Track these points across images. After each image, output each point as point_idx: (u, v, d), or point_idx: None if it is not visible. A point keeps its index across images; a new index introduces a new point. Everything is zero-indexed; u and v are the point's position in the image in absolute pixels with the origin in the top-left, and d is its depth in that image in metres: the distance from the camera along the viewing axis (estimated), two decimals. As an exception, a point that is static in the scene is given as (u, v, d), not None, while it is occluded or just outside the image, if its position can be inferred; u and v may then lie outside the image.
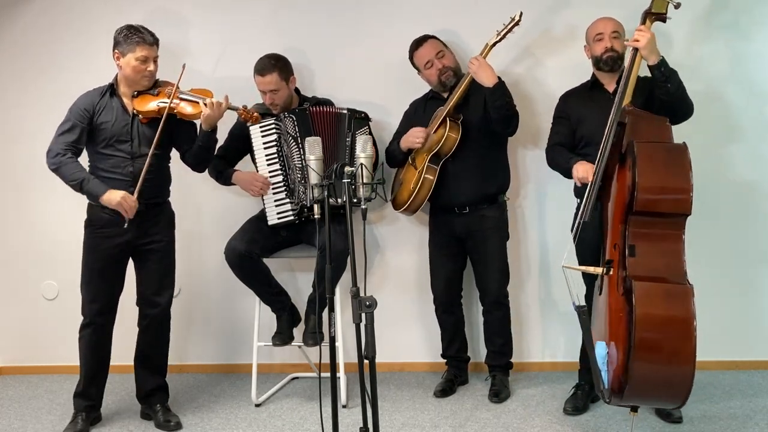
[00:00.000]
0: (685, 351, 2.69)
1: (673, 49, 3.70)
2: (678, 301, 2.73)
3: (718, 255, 3.87)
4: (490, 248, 3.67)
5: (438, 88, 3.70)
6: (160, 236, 3.43)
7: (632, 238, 2.84)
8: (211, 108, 3.33)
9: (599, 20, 3.40)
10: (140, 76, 3.31)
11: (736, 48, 3.83)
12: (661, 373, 2.72)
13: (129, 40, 3.26)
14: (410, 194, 3.65)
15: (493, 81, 3.47)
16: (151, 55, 3.31)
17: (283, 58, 3.71)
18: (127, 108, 3.35)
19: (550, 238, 4.01)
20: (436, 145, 3.54)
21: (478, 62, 3.49)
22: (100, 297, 3.36)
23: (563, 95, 3.54)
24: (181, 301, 4.18)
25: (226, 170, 3.77)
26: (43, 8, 4.16)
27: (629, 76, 3.09)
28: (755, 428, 3.21)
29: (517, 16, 3.48)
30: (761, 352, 3.93)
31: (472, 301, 3.94)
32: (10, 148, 4.22)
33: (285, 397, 3.82)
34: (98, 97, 3.35)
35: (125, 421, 3.56)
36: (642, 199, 2.79)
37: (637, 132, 2.97)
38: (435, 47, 3.65)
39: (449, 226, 3.72)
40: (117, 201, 3.21)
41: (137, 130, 3.34)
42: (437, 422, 3.42)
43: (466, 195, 3.63)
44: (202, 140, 3.43)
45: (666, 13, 3.15)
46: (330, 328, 2.69)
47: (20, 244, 4.28)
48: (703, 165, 3.75)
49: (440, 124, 3.56)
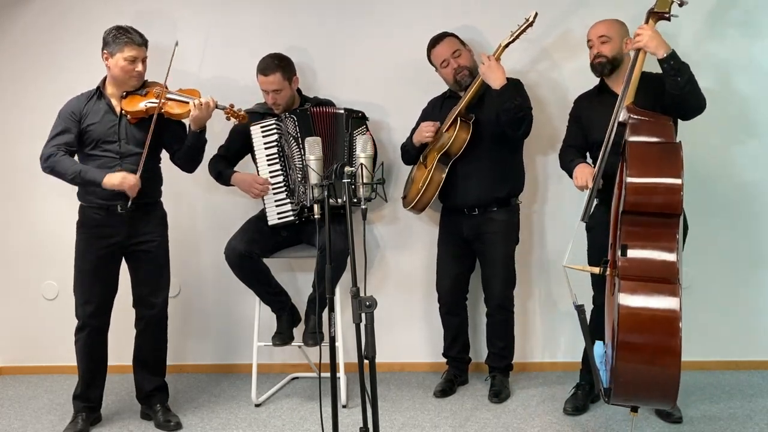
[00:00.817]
0: (669, 350, 2.63)
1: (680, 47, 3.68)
2: (662, 300, 2.68)
3: (718, 255, 3.87)
4: (496, 252, 3.65)
5: (454, 87, 3.67)
6: (153, 236, 3.42)
7: (624, 238, 2.80)
8: (200, 108, 3.33)
9: (591, 27, 3.37)
10: (128, 77, 3.32)
11: (746, 45, 3.81)
12: (645, 373, 2.68)
13: (117, 41, 3.26)
14: (417, 192, 3.64)
15: (500, 83, 3.42)
16: (140, 55, 3.31)
17: (286, 58, 3.70)
18: (114, 108, 3.35)
19: (551, 240, 4.01)
20: (446, 144, 3.53)
21: (488, 63, 3.44)
22: (93, 299, 3.36)
23: (577, 98, 3.52)
24: (181, 301, 4.19)
25: (225, 171, 3.77)
26: (43, 8, 4.16)
27: (630, 77, 3.08)
28: (755, 428, 3.21)
29: (531, 17, 3.40)
30: (761, 352, 3.93)
31: (477, 302, 3.94)
32: (10, 148, 4.22)
33: (285, 397, 3.82)
34: (85, 101, 3.35)
35: (125, 421, 3.56)
36: (630, 198, 2.76)
37: (637, 131, 2.94)
38: (451, 46, 3.62)
39: (458, 227, 3.71)
40: (118, 181, 3.21)
41: (124, 130, 3.34)
42: (437, 422, 3.42)
43: (475, 196, 3.61)
44: (191, 141, 3.43)
45: (670, 11, 3.10)
46: (330, 328, 2.69)
47: (20, 244, 4.29)
48: (710, 164, 3.79)
49: (451, 123, 3.55)
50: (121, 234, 3.34)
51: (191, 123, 3.40)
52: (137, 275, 3.45)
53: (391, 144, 4.00)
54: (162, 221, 3.50)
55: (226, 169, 3.77)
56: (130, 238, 3.37)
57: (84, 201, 3.38)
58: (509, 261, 3.69)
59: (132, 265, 3.45)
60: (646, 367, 2.67)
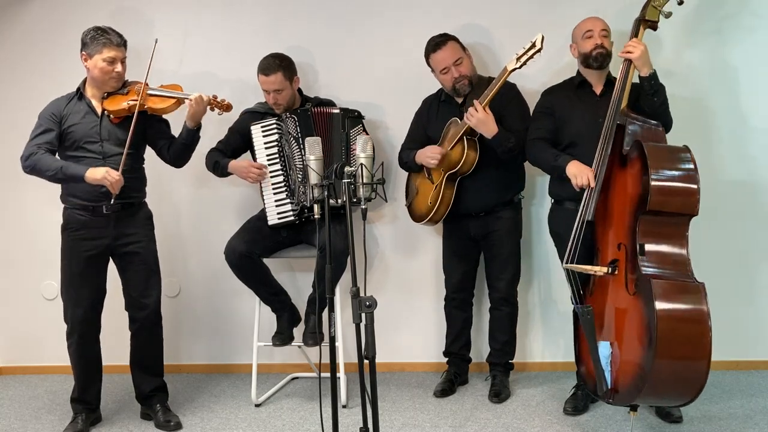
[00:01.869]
0: (702, 346, 2.76)
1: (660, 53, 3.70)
2: (694, 297, 2.80)
3: (718, 255, 3.87)
4: (504, 248, 3.66)
5: (452, 92, 3.65)
6: (139, 236, 3.40)
7: (642, 237, 2.88)
8: (195, 103, 3.33)
9: (588, 19, 3.38)
10: (108, 77, 3.30)
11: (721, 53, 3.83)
12: (680, 369, 2.77)
13: (96, 42, 3.25)
14: (429, 210, 3.61)
15: (491, 133, 3.42)
16: (119, 56, 3.29)
17: (287, 58, 3.70)
18: (96, 109, 3.33)
19: (549, 239, 4.00)
20: (456, 164, 3.49)
21: (477, 115, 3.39)
22: (82, 302, 3.34)
23: (546, 91, 3.51)
24: (180, 301, 4.19)
25: (222, 160, 3.72)
26: (41, 9, 4.16)
27: (624, 86, 3.13)
28: (755, 428, 3.21)
29: (537, 41, 3.27)
30: (761, 352, 3.93)
31: (480, 301, 3.94)
32: (9, 148, 4.21)
33: (285, 397, 3.82)
34: (65, 102, 3.34)
35: (125, 421, 3.56)
36: (656, 199, 2.83)
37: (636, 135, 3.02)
38: (454, 53, 3.55)
39: (465, 229, 3.71)
40: (101, 175, 3.17)
41: (106, 131, 3.32)
42: (437, 422, 3.42)
43: (482, 203, 3.62)
44: (186, 138, 3.43)
45: (658, 21, 3.20)
46: (330, 328, 2.69)
47: (20, 244, 4.29)
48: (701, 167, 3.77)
49: (457, 142, 3.50)
50: (107, 236, 3.32)
51: (188, 120, 3.39)
52: (126, 277, 3.43)
53: (389, 144, 4.00)
54: (148, 221, 3.48)
55: (222, 159, 3.74)
56: (117, 240, 3.34)
57: (67, 203, 3.36)
58: (516, 256, 3.72)
59: (120, 267, 3.43)
60: (683, 363, 2.76)
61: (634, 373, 2.82)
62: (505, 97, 3.55)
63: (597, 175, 3.07)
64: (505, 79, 3.39)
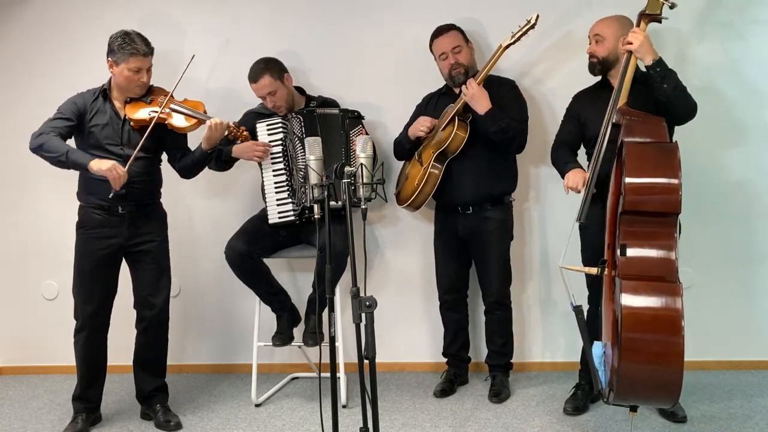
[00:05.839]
0: (673, 350, 2.64)
1: (667, 49, 3.69)
2: (665, 299, 2.69)
3: (718, 255, 3.87)
4: (492, 250, 3.66)
5: (449, 81, 3.68)
6: (153, 236, 3.42)
7: (623, 238, 2.82)
8: (213, 129, 3.36)
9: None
10: (133, 86, 3.32)
11: (731, 48, 3.81)
12: (648, 373, 2.69)
13: (123, 51, 3.25)
14: (414, 190, 3.63)
15: (484, 108, 3.45)
16: (145, 65, 3.30)
17: (272, 59, 3.71)
18: (119, 112, 3.35)
19: (550, 240, 4.01)
20: (444, 142, 3.53)
21: (472, 90, 3.46)
22: (93, 299, 3.35)
23: (576, 94, 3.51)
24: (180, 301, 4.19)
25: (224, 147, 3.68)
26: (42, 8, 4.16)
27: (623, 78, 3.10)
28: (755, 428, 3.20)
29: (533, 18, 3.39)
30: (761, 352, 3.93)
31: (476, 301, 3.94)
32: (9, 148, 4.22)
33: (285, 397, 3.82)
34: (91, 98, 3.35)
35: (125, 421, 3.56)
36: (629, 198, 2.77)
37: (631, 132, 2.96)
38: (453, 41, 3.61)
39: (453, 226, 3.71)
40: (107, 167, 3.16)
41: (128, 135, 3.34)
42: (437, 422, 3.42)
43: (470, 194, 3.61)
44: (199, 157, 3.46)
45: (661, 14, 3.14)
46: (330, 328, 2.69)
47: (20, 244, 4.29)
48: (702, 165, 3.78)
49: (449, 122, 3.55)
50: (121, 235, 3.34)
51: (204, 142, 3.42)
52: (137, 276, 3.45)
53: (389, 144, 3.99)
54: (162, 222, 3.50)
55: (224, 147, 3.70)
56: (130, 239, 3.37)
57: (84, 201, 3.38)
58: (505, 259, 3.71)
59: (132, 266, 3.45)
60: (650, 367, 2.67)
61: (612, 373, 2.81)
62: (505, 87, 3.63)
63: (589, 181, 3.05)
64: (500, 55, 3.47)
